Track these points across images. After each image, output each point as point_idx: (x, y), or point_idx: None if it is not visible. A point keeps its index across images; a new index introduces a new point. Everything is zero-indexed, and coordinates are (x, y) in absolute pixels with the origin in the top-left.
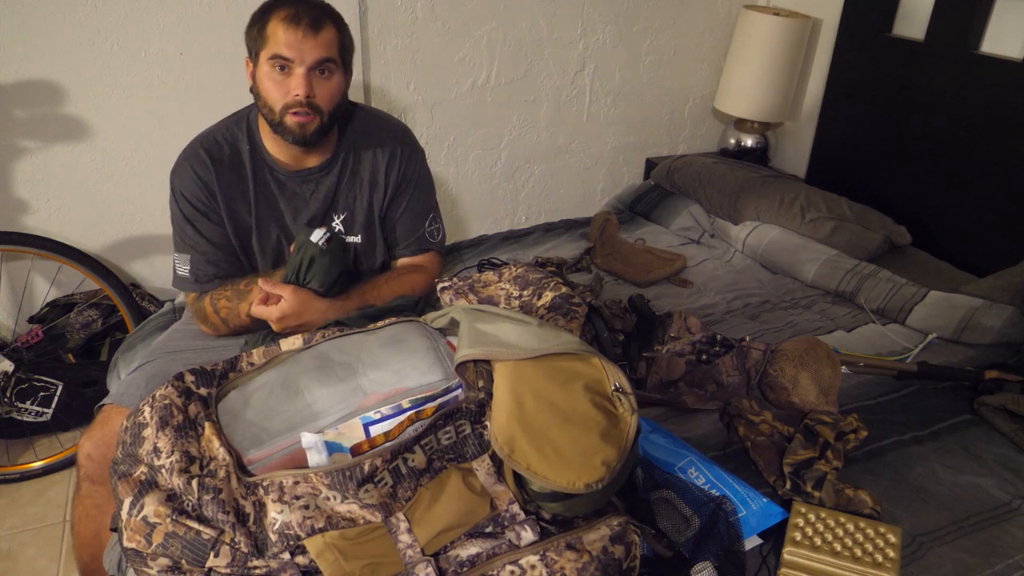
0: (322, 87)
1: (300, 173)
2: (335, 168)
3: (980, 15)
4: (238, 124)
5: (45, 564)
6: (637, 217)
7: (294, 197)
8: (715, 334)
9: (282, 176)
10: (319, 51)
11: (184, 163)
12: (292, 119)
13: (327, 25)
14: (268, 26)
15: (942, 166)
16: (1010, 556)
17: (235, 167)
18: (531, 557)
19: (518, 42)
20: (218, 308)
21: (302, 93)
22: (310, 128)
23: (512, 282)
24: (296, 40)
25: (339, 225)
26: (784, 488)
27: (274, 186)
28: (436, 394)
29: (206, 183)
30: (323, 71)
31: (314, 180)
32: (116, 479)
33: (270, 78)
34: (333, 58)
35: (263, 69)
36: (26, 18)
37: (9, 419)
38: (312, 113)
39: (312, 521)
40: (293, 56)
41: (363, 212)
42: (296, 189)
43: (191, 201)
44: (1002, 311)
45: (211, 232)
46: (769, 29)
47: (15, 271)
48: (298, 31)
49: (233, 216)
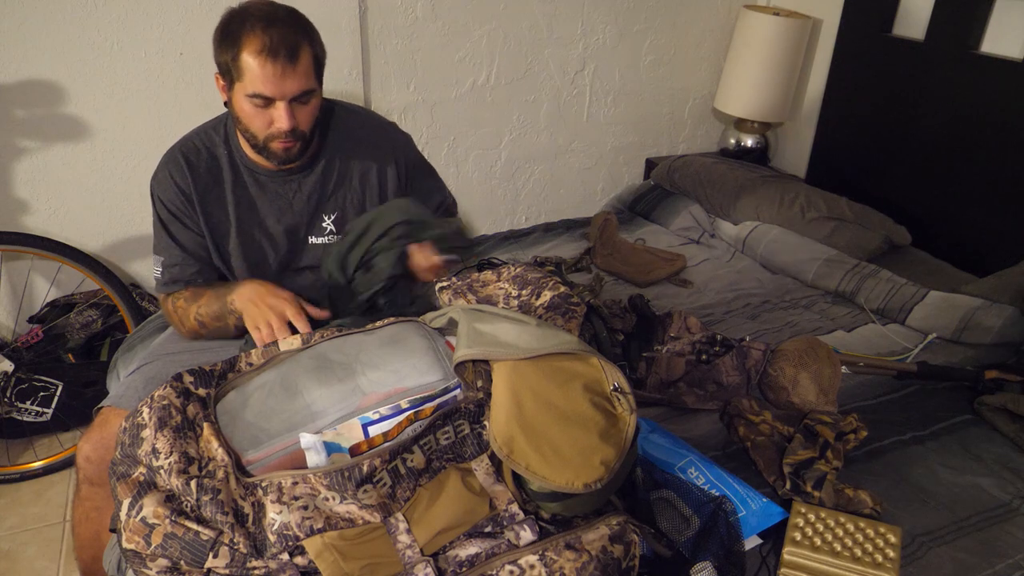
0: (303, 113)
1: (281, 173)
2: (317, 167)
3: (980, 15)
4: (216, 129)
5: (45, 564)
6: (637, 217)
7: (277, 198)
8: (715, 334)
9: (263, 177)
10: (299, 84)
11: (163, 168)
12: (277, 145)
13: (303, 49)
14: (242, 58)
15: (942, 166)
16: (1010, 556)
17: (213, 172)
18: (530, 557)
19: (518, 42)
20: (176, 308)
21: (286, 127)
22: (294, 151)
23: (511, 282)
24: (275, 76)
25: (330, 226)
26: (784, 488)
27: (254, 188)
28: (435, 394)
29: (182, 188)
30: (303, 99)
31: (296, 179)
32: (115, 480)
33: (250, 110)
34: (312, 87)
35: (241, 100)
36: (26, 18)
37: (9, 419)
38: (296, 139)
39: (311, 522)
40: (274, 93)
41: (355, 212)
42: (279, 189)
43: (167, 206)
44: (1002, 311)
45: (184, 237)
46: (769, 29)
47: (15, 271)
48: (276, 66)
49: (211, 221)
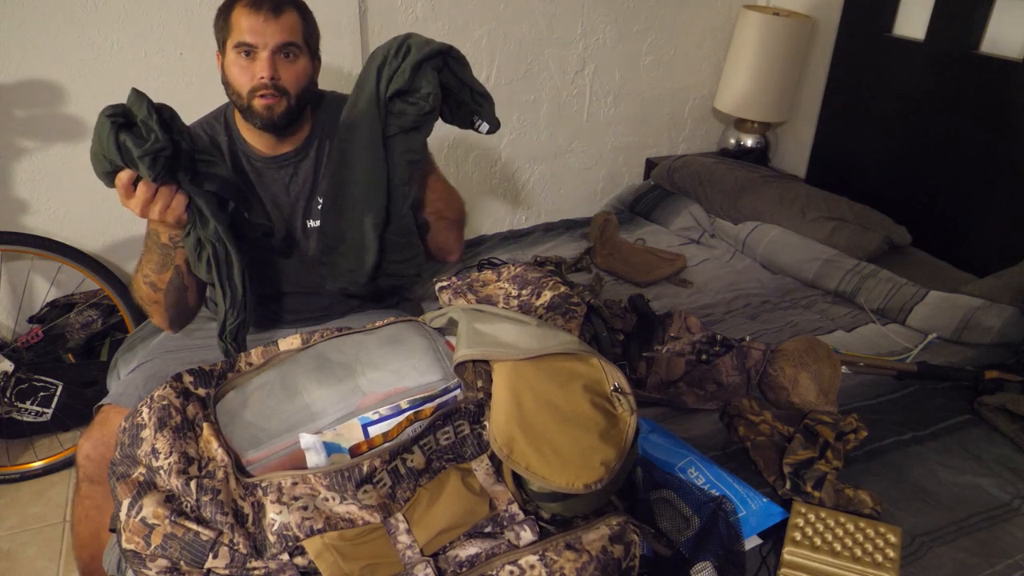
0: (287, 70)
1: (276, 159)
2: (311, 152)
3: (980, 15)
4: (217, 118)
5: (45, 564)
6: (637, 217)
7: (273, 183)
8: (715, 334)
9: (259, 164)
10: (281, 35)
11: None
12: (259, 102)
13: (288, 9)
14: (232, 15)
15: (942, 166)
16: (1010, 556)
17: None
18: (530, 557)
19: (518, 42)
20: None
21: (267, 75)
22: (277, 110)
23: (511, 281)
24: (258, 24)
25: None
26: (784, 488)
27: (252, 175)
28: (435, 394)
29: None
30: (287, 55)
31: (291, 165)
32: (115, 480)
33: (236, 64)
34: (296, 42)
35: (230, 57)
36: (26, 18)
37: (9, 419)
38: (279, 95)
39: (311, 522)
40: (256, 41)
41: None
42: (274, 175)
43: None
44: (1002, 311)
45: None
46: (769, 29)
47: (15, 271)
48: (259, 16)
49: None
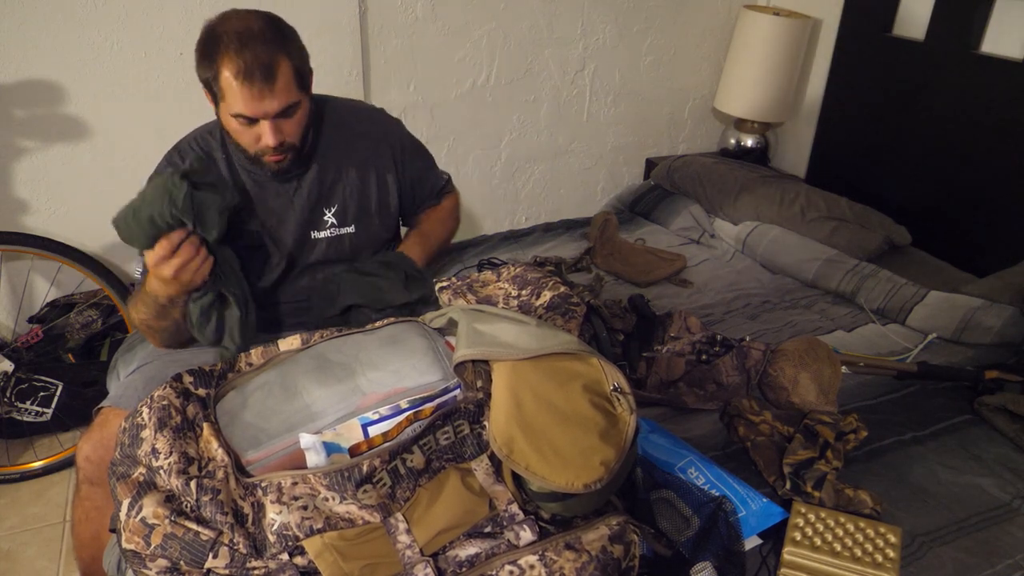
0: (289, 125)
1: (279, 174)
2: (314, 163)
3: (980, 15)
4: (211, 133)
5: (45, 564)
6: (637, 217)
7: (278, 197)
8: (715, 334)
9: (262, 178)
10: (279, 102)
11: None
12: (270, 160)
13: (280, 64)
14: (221, 79)
15: (942, 166)
16: (1010, 556)
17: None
18: (530, 557)
19: (518, 42)
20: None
21: (272, 143)
22: (286, 163)
23: (511, 282)
24: (254, 98)
25: (332, 219)
26: (784, 488)
27: (255, 189)
28: (435, 394)
29: None
30: (287, 114)
31: (295, 177)
32: (115, 480)
33: (237, 127)
34: (294, 101)
35: (228, 118)
36: (26, 18)
37: (9, 419)
38: (286, 152)
39: (311, 522)
40: (255, 114)
41: (354, 203)
42: (278, 189)
43: None
44: (1002, 311)
45: None
46: (769, 29)
47: (15, 271)
48: (253, 88)
49: None
